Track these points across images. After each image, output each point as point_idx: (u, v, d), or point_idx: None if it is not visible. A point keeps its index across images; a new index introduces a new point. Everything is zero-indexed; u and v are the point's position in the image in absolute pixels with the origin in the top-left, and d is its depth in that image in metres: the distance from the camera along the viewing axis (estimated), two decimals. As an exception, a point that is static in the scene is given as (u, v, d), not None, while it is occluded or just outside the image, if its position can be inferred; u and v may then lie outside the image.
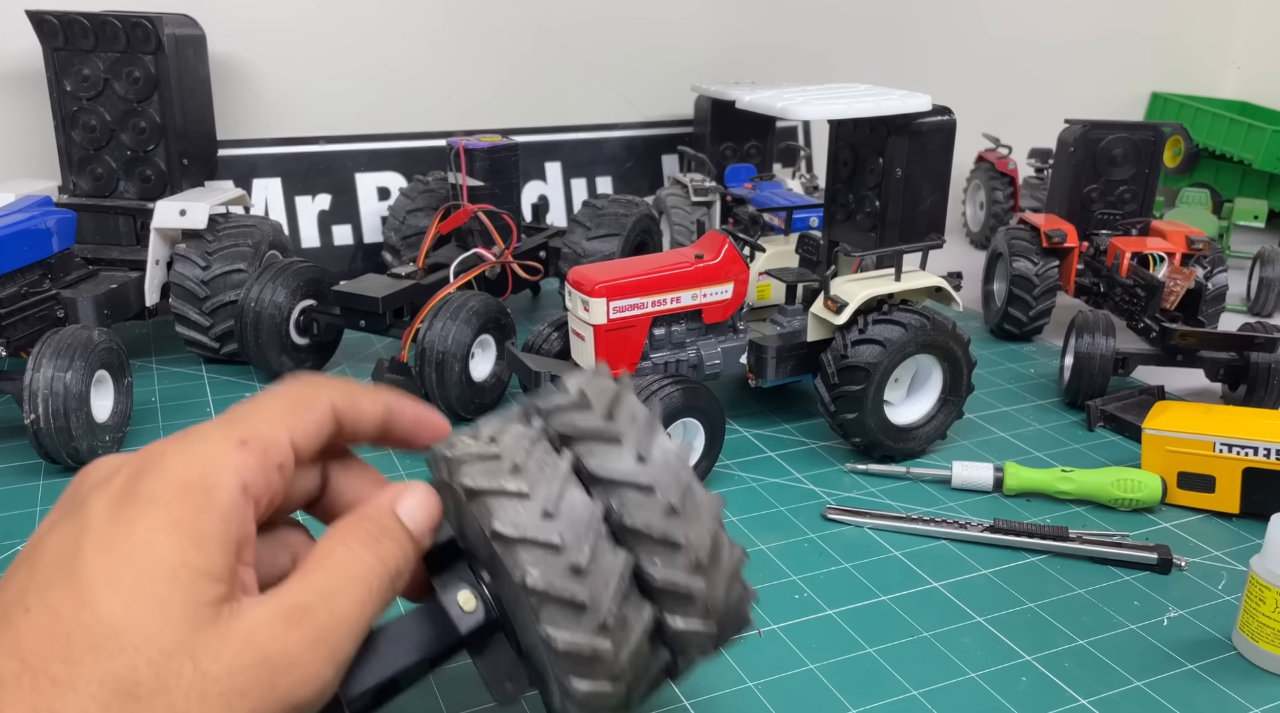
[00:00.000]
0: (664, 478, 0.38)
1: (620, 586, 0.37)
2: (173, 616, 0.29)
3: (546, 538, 0.36)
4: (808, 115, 0.72)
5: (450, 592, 0.40)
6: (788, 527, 0.67)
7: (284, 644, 0.31)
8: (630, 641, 0.37)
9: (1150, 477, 0.69)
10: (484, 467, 0.37)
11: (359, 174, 1.17)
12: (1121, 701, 0.51)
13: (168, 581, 0.30)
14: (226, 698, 0.29)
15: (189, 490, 0.32)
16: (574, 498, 0.37)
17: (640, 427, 0.39)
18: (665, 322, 0.76)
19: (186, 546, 0.30)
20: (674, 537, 0.37)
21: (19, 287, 0.75)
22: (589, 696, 0.37)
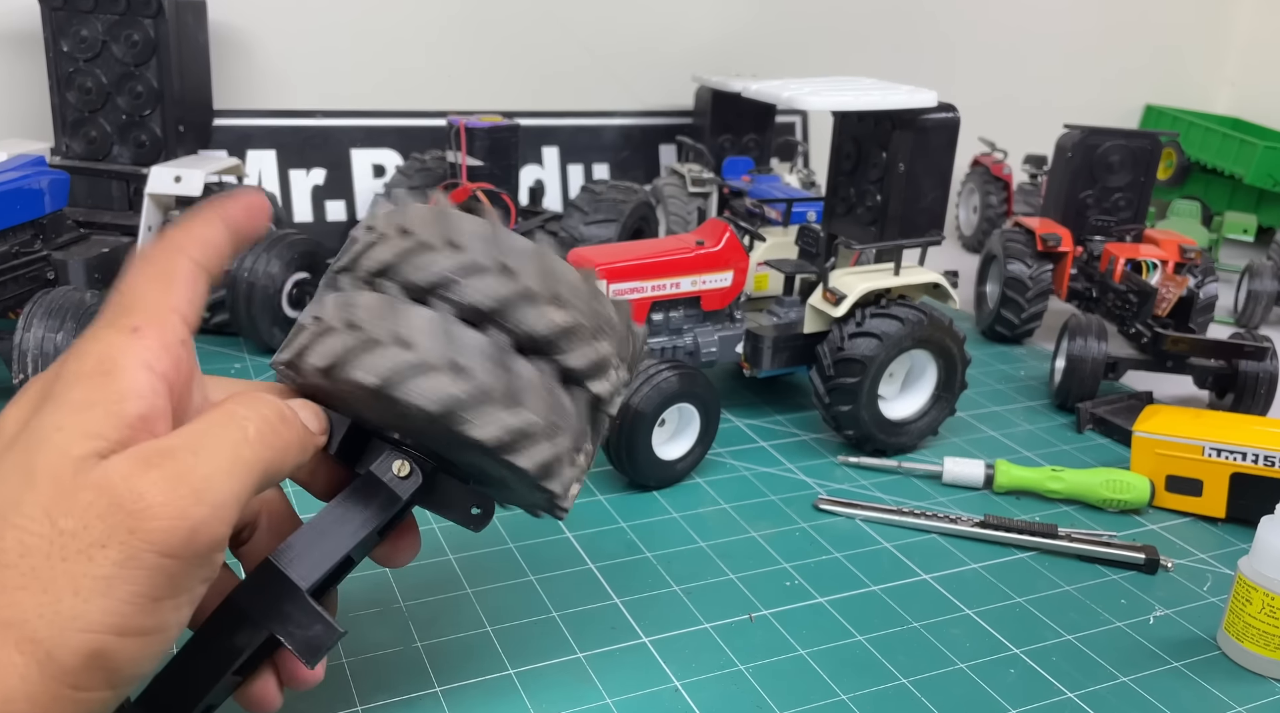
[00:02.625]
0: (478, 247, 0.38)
1: (501, 358, 0.37)
2: (35, 478, 0.30)
3: (415, 360, 0.36)
4: (815, 106, 0.72)
5: (382, 461, 0.40)
6: (779, 516, 0.67)
7: (135, 485, 0.30)
8: (540, 398, 0.38)
9: (1139, 479, 0.69)
10: (325, 339, 0.37)
11: (355, 150, 1.16)
12: (1108, 695, 0.51)
13: (38, 448, 0.30)
14: (87, 553, 0.29)
15: (85, 377, 0.32)
16: (418, 317, 0.37)
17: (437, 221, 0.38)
18: (664, 307, 0.76)
19: (64, 414, 0.31)
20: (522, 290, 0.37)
21: (10, 246, 0.73)
22: (541, 465, 0.38)
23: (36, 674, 0.28)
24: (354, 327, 0.37)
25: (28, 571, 0.29)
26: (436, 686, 0.49)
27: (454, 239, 0.38)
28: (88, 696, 0.29)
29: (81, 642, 0.29)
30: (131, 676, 0.31)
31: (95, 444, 0.31)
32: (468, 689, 0.49)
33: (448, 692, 0.48)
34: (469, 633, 0.53)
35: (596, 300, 0.40)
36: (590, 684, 0.50)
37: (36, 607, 0.28)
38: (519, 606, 0.55)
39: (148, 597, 0.30)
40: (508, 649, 0.52)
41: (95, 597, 0.29)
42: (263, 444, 0.34)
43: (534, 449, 0.38)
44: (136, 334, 0.33)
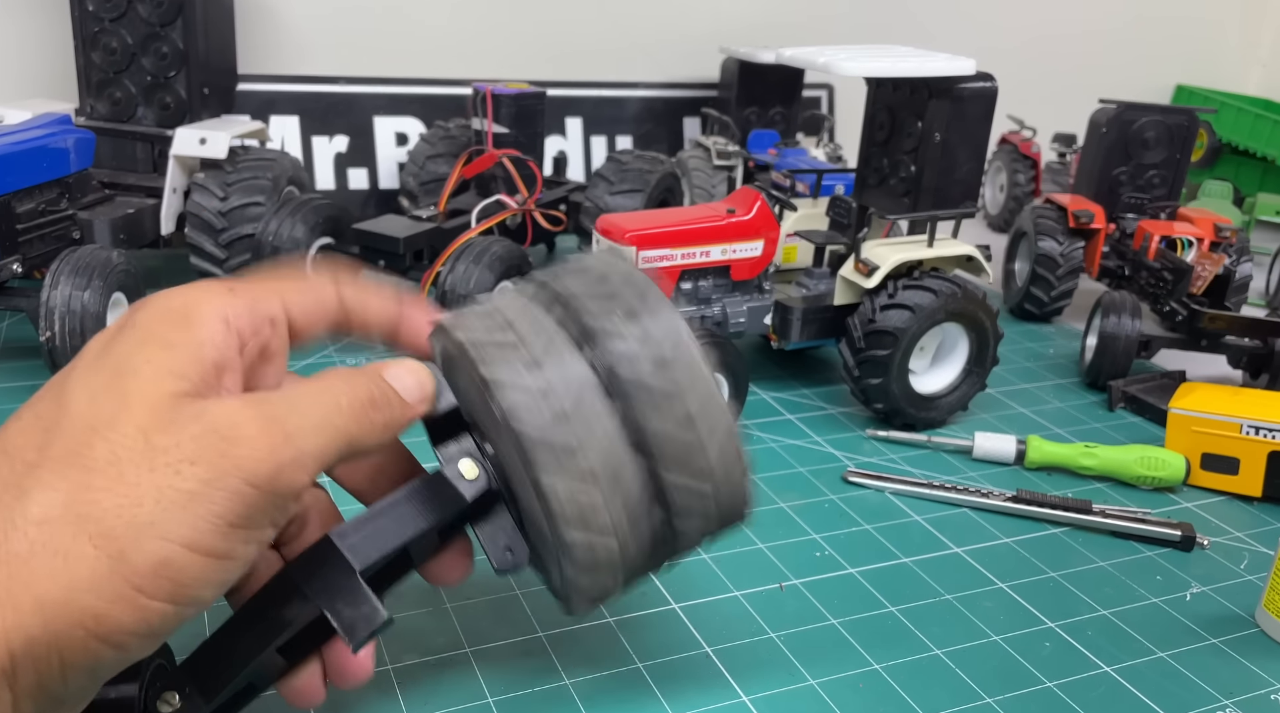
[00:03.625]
0: (655, 330, 0.37)
1: (605, 430, 0.36)
2: (129, 402, 0.31)
3: (537, 386, 0.36)
4: (851, 72, 0.71)
5: (452, 461, 0.40)
6: (808, 487, 0.67)
7: (233, 418, 0.32)
8: (620, 489, 0.37)
9: (1174, 456, 0.68)
10: (478, 323, 0.38)
11: (378, 117, 1.15)
12: (1146, 670, 0.51)
13: (131, 376, 0.32)
14: (175, 466, 0.30)
15: (167, 315, 0.34)
16: (563, 350, 0.37)
17: (634, 284, 0.39)
18: (693, 276, 0.75)
19: (151, 349, 0.33)
20: (664, 384, 0.37)
21: (36, 203, 0.73)
22: (583, 548, 0.37)
23: (106, 568, 0.29)
24: (509, 327, 0.37)
25: (114, 476, 0.30)
26: (467, 646, 0.48)
27: (637, 309, 0.38)
28: (150, 603, 0.30)
29: (154, 547, 0.29)
30: (194, 596, 0.31)
31: (182, 384, 0.32)
32: (499, 650, 0.48)
33: (478, 652, 0.48)
34: (498, 596, 0.52)
35: (729, 442, 0.39)
36: (621, 648, 0.49)
37: (116, 508, 0.29)
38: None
39: (224, 519, 0.31)
40: (538, 613, 0.51)
41: (175, 508, 0.30)
42: (352, 416, 0.35)
43: (587, 532, 0.37)
44: (230, 292, 0.35)
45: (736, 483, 0.40)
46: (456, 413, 0.41)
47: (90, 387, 0.32)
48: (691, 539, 0.41)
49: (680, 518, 0.39)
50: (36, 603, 0.28)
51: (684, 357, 0.38)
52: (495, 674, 0.47)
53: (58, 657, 0.29)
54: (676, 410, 0.37)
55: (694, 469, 0.38)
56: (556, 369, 0.36)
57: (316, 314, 0.39)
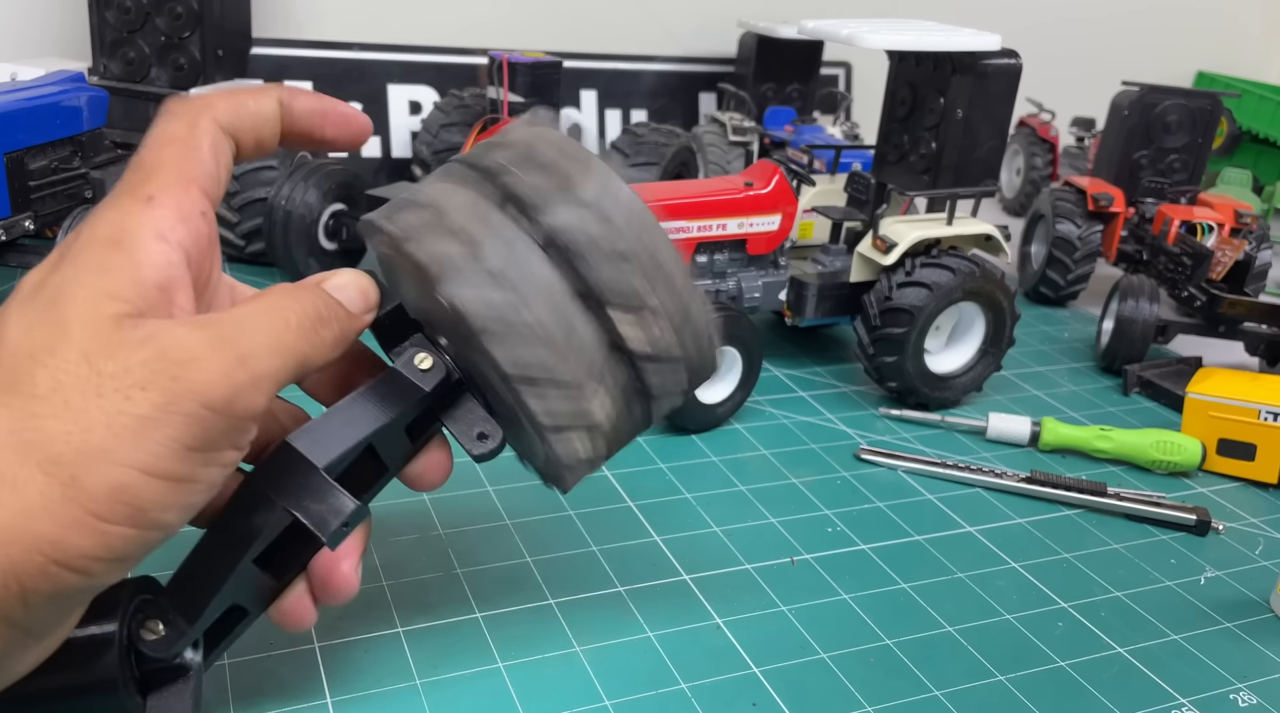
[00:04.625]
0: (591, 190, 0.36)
1: (561, 301, 0.36)
2: (68, 328, 0.30)
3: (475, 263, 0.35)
4: (876, 44, 0.70)
5: (405, 355, 0.39)
6: (820, 464, 0.66)
7: (181, 340, 0.30)
8: (584, 356, 0.36)
9: (1190, 441, 0.68)
10: (410, 214, 0.37)
11: (391, 85, 1.14)
12: (1159, 652, 0.50)
13: (66, 302, 0.30)
14: (125, 391, 0.29)
15: (99, 243, 0.32)
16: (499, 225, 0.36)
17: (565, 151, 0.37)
18: (708, 249, 0.74)
19: (85, 275, 0.31)
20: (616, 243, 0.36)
21: (49, 161, 0.72)
22: (554, 421, 0.36)
23: (59, 494, 0.28)
24: (438, 211, 0.36)
25: (60, 403, 0.29)
26: (478, 611, 0.48)
27: (570, 171, 0.36)
28: (111, 528, 0.29)
29: (109, 473, 0.29)
30: (157, 520, 0.30)
31: (122, 306, 0.31)
32: (509, 616, 0.48)
33: (489, 618, 0.48)
34: (509, 563, 0.52)
35: (687, 292, 0.38)
36: (631, 617, 0.49)
37: (64, 435, 0.29)
38: (558, 538, 0.55)
39: (181, 443, 0.30)
40: (548, 580, 0.51)
41: (128, 434, 0.29)
42: (302, 335, 0.34)
43: (551, 398, 0.36)
44: (150, 203, 0.33)
45: (700, 330, 0.39)
46: (402, 313, 0.40)
47: (25, 319, 0.31)
48: (665, 405, 0.40)
49: (648, 373, 0.38)
50: None
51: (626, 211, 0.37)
52: (504, 641, 0.46)
53: (17, 584, 0.28)
54: (629, 270, 0.36)
55: (658, 330, 0.37)
56: (496, 245, 0.36)
57: (261, 127, 0.37)
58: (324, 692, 0.42)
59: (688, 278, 0.38)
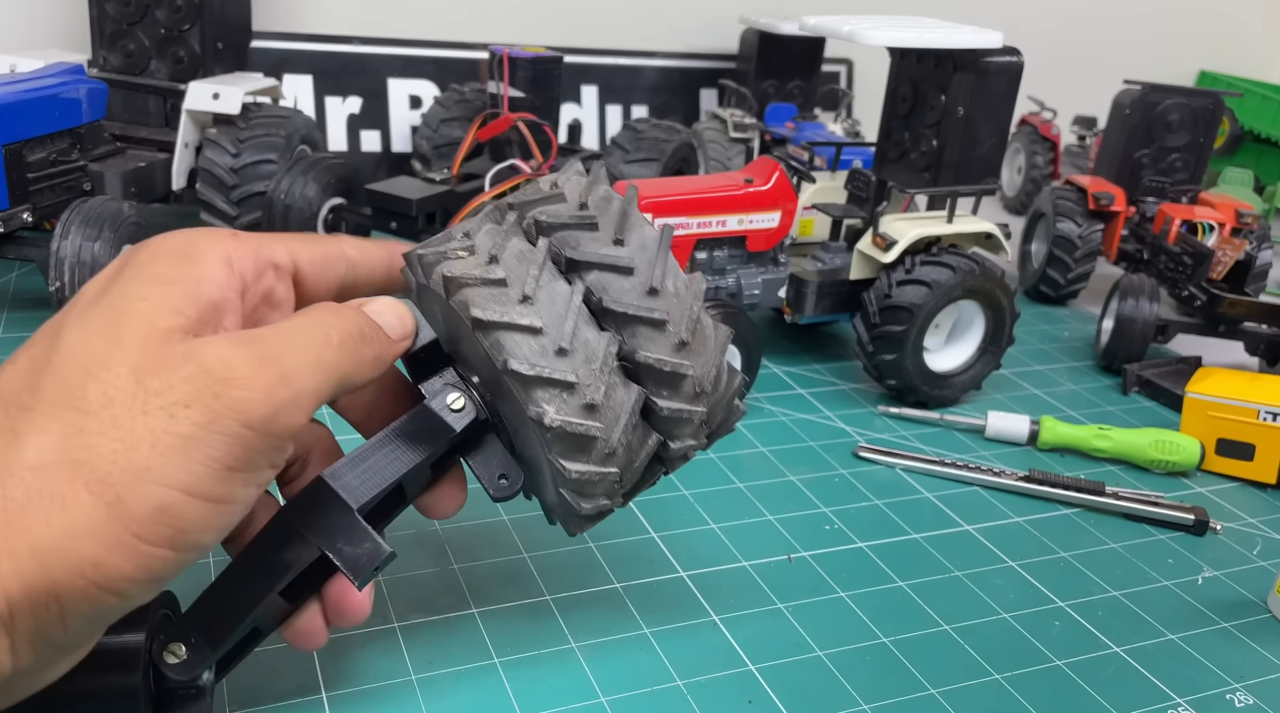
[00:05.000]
0: (641, 259, 0.38)
1: (605, 363, 0.37)
2: (122, 340, 0.30)
3: (527, 321, 0.36)
4: (877, 41, 0.70)
5: (438, 395, 0.40)
6: (818, 461, 0.66)
7: (225, 357, 0.31)
8: (619, 418, 0.37)
9: (1189, 440, 0.68)
10: (459, 259, 0.37)
11: (392, 79, 1.14)
12: (1156, 652, 0.50)
13: (126, 314, 0.31)
14: (169, 409, 0.29)
15: (167, 253, 0.33)
16: (552, 283, 0.37)
17: (615, 212, 0.38)
18: (708, 245, 0.74)
19: (149, 286, 0.32)
20: (655, 315, 0.37)
21: (48, 153, 0.72)
22: (581, 477, 0.37)
23: (104, 515, 0.28)
24: (494, 261, 0.37)
25: (108, 420, 0.29)
26: (474, 608, 0.48)
27: (623, 236, 0.38)
28: (151, 549, 0.29)
29: (152, 493, 0.29)
30: (195, 542, 0.30)
31: (178, 320, 0.31)
32: (506, 613, 0.48)
33: (485, 614, 0.48)
34: (505, 559, 0.52)
35: (716, 362, 0.39)
36: (628, 614, 0.49)
37: (111, 454, 0.29)
38: (555, 536, 0.54)
39: (222, 463, 0.30)
40: (544, 577, 0.51)
41: (172, 453, 0.29)
42: (344, 352, 0.34)
43: (586, 462, 0.37)
44: (234, 238, 0.35)
45: (726, 401, 0.41)
46: (436, 346, 0.40)
47: (85, 327, 0.31)
48: (681, 458, 0.42)
49: (674, 438, 0.40)
50: (34, 550, 0.28)
51: (671, 284, 0.38)
52: (501, 638, 0.46)
53: (57, 604, 0.28)
54: (669, 338, 0.37)
55: (686, 394, 0.38)
56: (547, 303, 0.36)
57: (324, 268, 0.39)
58: (320, 687, 0.42)
59: (720, 344, 0.40)
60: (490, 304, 0.36)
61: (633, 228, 0.38)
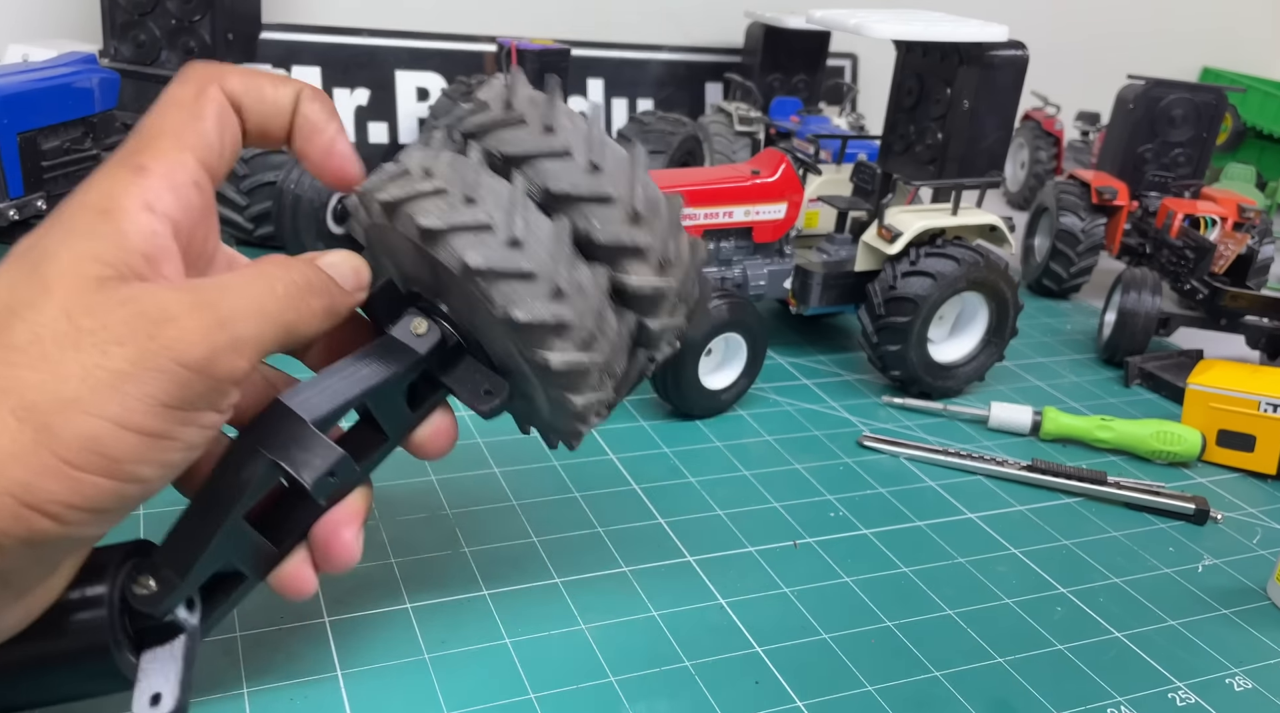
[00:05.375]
0: (576, 140, 0.37)
1: (561, 248, 0.36)
2: (50, 285, 0.30)
3: (475, 220, 0.35)
4: (884, 34, 0.70)
5: (400, 323, 0.39)
6: (823, 450, 0.67)
7: (161, 301, 0.31)
8: (588, 301, 0.37)
9: (1190, 431, 0.68)
10: (397, 181, 0.37)
11: (399, 72, 1.14)
12: (1156, 637, 0.51)
13: (51, 262, 0.31)
14: (102, 347, 0.30)
15: (86, 209, 0.32)
16: (492, 183, 0.37)
17: (540, 107, 0.38)
18: (715, 236, 0.74)
19: (72, 238, 0.31)
20: (602, 191, 0.37)
21: (62, 141, 0.73)
22: (566, 366, 0.37)
23: (30, 439, 0.29)
24: (429, 174, 0.37)
25: (36, 355, 0.29)
26: (485, 589, 0.49)
27: (552, 123, 0.37)
28: (84, 476, 0.29)
29: (81, 422, 0.29)
30: (132, 473, 0.30)
31: (105, 269, 0.31)
32: (516, 594, 0.49)
33: (496, 595, 0.48)
34: (515, 542, 0.53)
35: (675, 232, 0.39)
36: (636, 597, 0.50)
37: (39, 384, 0.29)
38: (564, 519, 0.55)
39: (156, 399, 0.30)
40: (554, 559, 0.52)
41: (103, 387, 0.29)
42: (288, 303, 0.34)
43: (565, 348, 0.37)
44: (141, 172, 0.33)
45: (694, 266, 0.41)
46: (394, 290, 0.40)
47: (10, 276, 0.31)
48: (665, 341, 0.42)
49: (650, 315, 0.40)
50: None
51: (611, 159, 0.38)
52: (511, 618, 0.47)
53: None
54: (620, 212, 0.37)
55: (651, 265, 0.38)
56: (491, 201, 0.36)
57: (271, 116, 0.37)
58: (334, 664, 0.43)
59: (675, 215, 0.39)
60: (434, 213, 0.36)
61: (560, 114, 0.38)
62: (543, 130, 0.37)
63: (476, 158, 0.37)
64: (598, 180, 0.37)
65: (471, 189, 0.36)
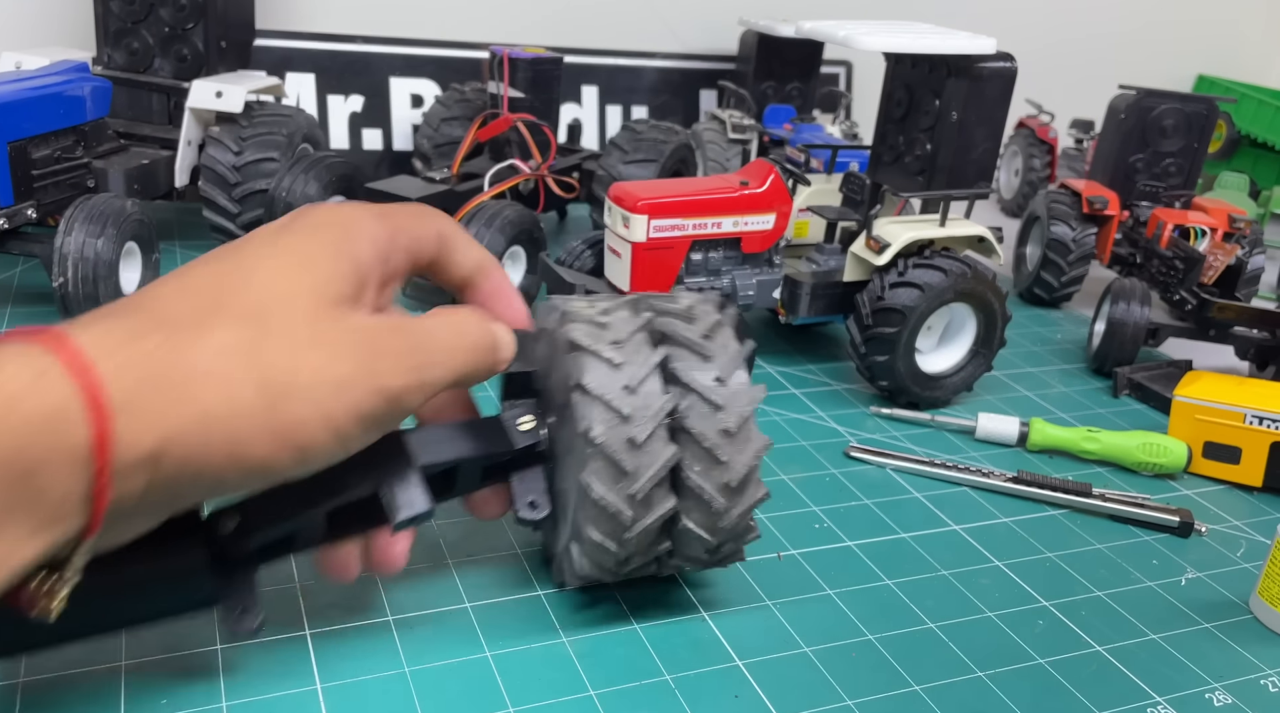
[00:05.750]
0: (733, 404, 0.44)
1: (660, 472, 0.43)
2: (300, 289, 0.37)
3: (619, 407, 0.43)
4: (871, 46, 0.71)
5: (514, 412, 0.47)
6: (809, 461, 0.67)
7: (382, 338, 0.38)
8: (647, 517, 0.44)
9: (1177, 443, 0.68)
10: (591, 329, 0.44)
11: (393, 78, 1.15)
12: (1137, 651, 0.51)
13: (309, 270, 0.37)
14: (332, 358, 0.36)
15: (332, 225, 0.40)
16: (653, 386, 0.43)
17: (729, 355, 0.46)
18: (703, 247, 0.75)
19: (323, 250, 0.38)
20: (720, 455, 0.44)
21: (52, 150, 0.73)
22: (595, 546, 0.44)
23: (261, 409, 0.34)
24: (605, 312, 0.45)
25: (284, 342, 0.35)
26: (467, 602, 0.49)
27: (724, 377, 0.45)
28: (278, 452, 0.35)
29: (301, 409, 0.35)
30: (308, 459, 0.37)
31: (345, 289, 0.38)
32: (498, 607, 0.49)
33: (478, 608, 0.48)
34: (499, 555, 0.53)
35: (752, 465, 0.45)
36: (618, 609, 0.50)
37: (279, 366, 0.35)
38: (549, 531, 0.55)
39: (357, 411, 0.37)
40: (537, 573, 0.52)
41: (325, 387, 0.36)
42: (469, 359, 0.41)
43: (605, 537, 0.44)
44: (380, 219, 0.41)
45: (737, 543, 0.48)
46: (529, 377, 0.48)
47: (274, 267, 0.37)
48: (674, 567, 0.49)
49: (680, 555, 0.47)
50: (201, 415, 0.33)
51: (744, 435, 0.44)
52: (492, 631, 0.47)
53: (195, 465, 0.33)
54: (719, 477, 0.44)
55: (711, 524, 0.45)
56: (631, 352, 0.43)
57: (424, 254, 0.44)
58: (314, 677, 0.43)
59: (756, 454, 0.45)
60: (588, 335, 0.44)
61: (720, 333, 0.46)
62: (716, 378, 0.44)
63: (656, 360, 0.44)
64: (724, 443, 0.44)
65: (635, 382, 0.43)
